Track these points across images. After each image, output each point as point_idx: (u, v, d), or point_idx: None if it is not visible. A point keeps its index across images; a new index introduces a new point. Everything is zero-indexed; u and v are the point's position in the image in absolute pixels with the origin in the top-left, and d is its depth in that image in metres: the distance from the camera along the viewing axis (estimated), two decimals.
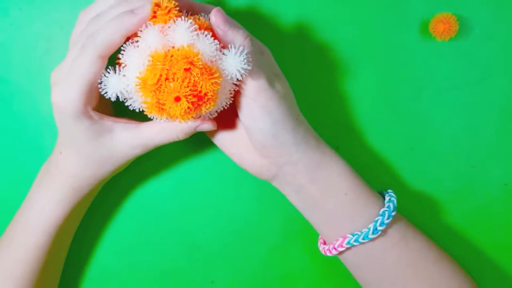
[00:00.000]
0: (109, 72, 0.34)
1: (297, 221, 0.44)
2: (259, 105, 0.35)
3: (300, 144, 0.37)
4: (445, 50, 0.44)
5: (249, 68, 0.32)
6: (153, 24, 0.33)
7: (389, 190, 0.40)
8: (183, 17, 0.32)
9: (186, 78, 0.30)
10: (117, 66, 0.34)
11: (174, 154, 0.45)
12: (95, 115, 0.36)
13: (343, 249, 0.38)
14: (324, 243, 0.41)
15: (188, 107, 0.31)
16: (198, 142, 0.44)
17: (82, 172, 0.38)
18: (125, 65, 0.33)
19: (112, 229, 0.45)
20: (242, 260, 0.45)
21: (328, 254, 0.39)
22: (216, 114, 0.36)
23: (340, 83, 0.45)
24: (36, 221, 0.38)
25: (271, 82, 0.35)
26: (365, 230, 0.37)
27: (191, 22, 0.32)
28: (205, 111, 0.32)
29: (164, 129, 0.37)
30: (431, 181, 0.46)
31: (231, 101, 0.36)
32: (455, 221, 0.46)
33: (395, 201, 0.38)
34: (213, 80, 0.31)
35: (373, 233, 0.37)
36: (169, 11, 0.32)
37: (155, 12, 0.33)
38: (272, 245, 0.45)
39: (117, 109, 0.41)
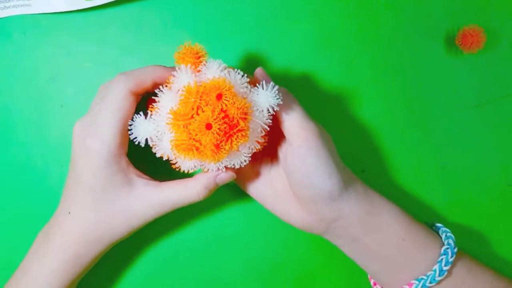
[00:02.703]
0: (140, 116, 0.33)
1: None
2: (313, 155, 0.33)
3: (350, 196, 0.34)
4: (473, 64, 0.42)
5: (281, 103, 0.32)
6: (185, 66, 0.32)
7: (438, 224, 0.38)
8: (212, 59, 0.33)
9: (217, 106, 0.29)
10: (148, 112, 0.33)
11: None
12: (124, 161, 0.34)
13: None
14: None
15: (218, 134, 0.29)
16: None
17: (89, 234, 0.34)
18: (156, 109, 0.33)
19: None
20: None
21: None
22: (247, 161, 0.33)
23: (363, 102, 0.42)
24: None
25: (319, 129, 0.34)
26: (431, 273, 0.34)
27: (221, 62, 0.32)
28: (236, 145, 0.30)
29: (185, 186, 0.34)
30: (466, 201, 0.43)
31: (262, 145, 0.34)
32: (493, 244, 0.43)
33: (453, 236, 0.36)
34: (244, 109, 0.30)
35: (439, 275, 0.34)
36: (199, 56, 0.32)
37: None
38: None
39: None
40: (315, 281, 0.42)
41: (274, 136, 0.37)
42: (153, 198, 0.34)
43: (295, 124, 0.33)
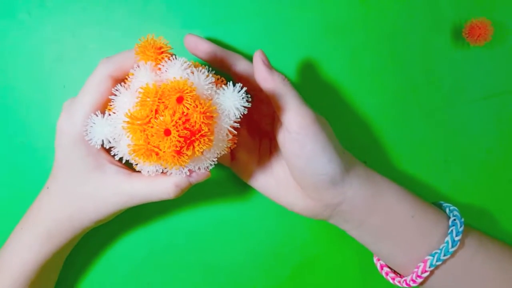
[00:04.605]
0: (97, 115, 0.31)
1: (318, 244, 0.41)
2: (311, 141, 0.32)
3: (352, 180, 0.34)
4: (480, 56, 0.42)
5: (248, 105, 0.30)
6: (145, 63, 0.30)
7: (440, 202, 0.38)
8: (176, 56, 0.30)
9: (177, 110, 0.27)
10: (107, 112, 0.32)
11: None
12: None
13: (427, 274, 0.34)
14: (395, 273, 0.37)
15: (178, 141, 0.26)
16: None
17: (59, 213, 0.34)
18: (113, 108, 0.31)
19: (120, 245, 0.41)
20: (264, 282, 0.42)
21: (413, 284, 0.35)
22: (212, 165, 0.32)
23: (367, 92, 0.42)
24: (10, 261, 0.35)
25: (316, 115, 0.33)
26: (444, 245, 0.34)
27: (185, 60, 0.30)
28: (199, 151, 0.28)
29: (154, 182, 0.33)
30: (467, 195, 0.43)
31: (229, 148, 0.33)
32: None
33: (456, 208, 0.36)
34: (208, 114, 0.27)
35: (453, 246, 0.34)
36: (162, 52, 0.30)
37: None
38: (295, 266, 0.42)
39: None
40: (315, 268, 0.42)
41: (272, 123, 0.37)
42: (122, 187, 0.33)
43: (292, 110, 0.32)
